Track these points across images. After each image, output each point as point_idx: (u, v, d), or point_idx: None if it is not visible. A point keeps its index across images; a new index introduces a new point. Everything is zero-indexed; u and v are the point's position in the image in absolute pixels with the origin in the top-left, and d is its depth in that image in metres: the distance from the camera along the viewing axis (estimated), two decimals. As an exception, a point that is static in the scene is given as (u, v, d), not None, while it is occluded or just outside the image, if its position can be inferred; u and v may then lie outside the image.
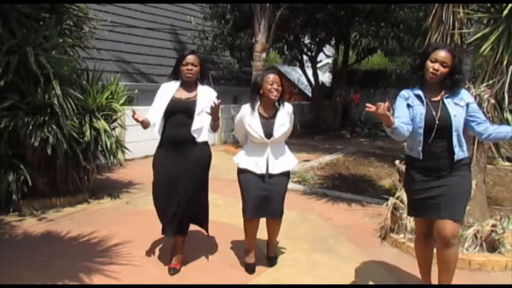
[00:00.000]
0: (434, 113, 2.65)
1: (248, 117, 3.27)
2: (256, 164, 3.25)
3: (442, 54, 2.61)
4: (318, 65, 16.34)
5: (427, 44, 2.82)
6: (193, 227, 3.52)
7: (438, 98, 2.69)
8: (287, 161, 3.36)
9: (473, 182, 4.02)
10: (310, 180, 6.79)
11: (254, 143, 3.29)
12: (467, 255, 3.72)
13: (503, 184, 6.92)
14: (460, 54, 4.14)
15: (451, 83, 2.66)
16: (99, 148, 5.33)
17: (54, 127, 4.61)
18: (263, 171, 3.23)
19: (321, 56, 17.04)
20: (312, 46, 14.60)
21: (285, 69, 19.23)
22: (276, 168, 3.26)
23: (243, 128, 3.34)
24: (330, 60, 18.58)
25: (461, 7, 3.99)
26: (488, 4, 3.96)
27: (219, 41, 11.76)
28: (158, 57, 11.56)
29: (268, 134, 3.23)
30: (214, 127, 3.23)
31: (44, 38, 4.64)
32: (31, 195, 4.85)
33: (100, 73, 5.49)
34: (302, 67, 15.07)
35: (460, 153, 2.66)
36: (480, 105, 3.79)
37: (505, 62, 3.69)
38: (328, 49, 17.29)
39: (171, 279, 3.28)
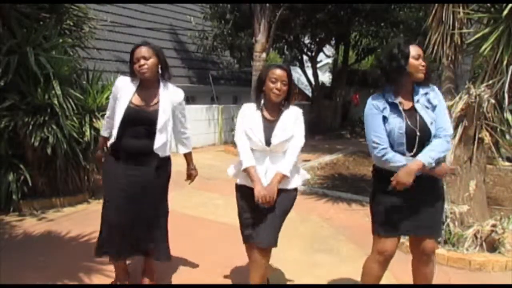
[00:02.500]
0: (411, 124, 2.38)
1: (249, 117, 2.72)
2: None
3: (418, 49, 2.39)
4: (318, 65, 16.35)
5: (394, 46, 2.42)
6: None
7: (410, 104, 2.43)
8: (294, 176, 2.73)
9: (473, 182, 4.04)
10: (310, 180, 6.78)
11: (254, 151, 2.70)
12: (467, 255, 3.72)
13: (503, 184, 6.92)
14: (461, 53, 4.16)
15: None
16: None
17: (54, 127, 4.61)
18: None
19: (321, 56, 17.04)
20: (312, 46, 14.60)
21: (285, 69, 19.20)
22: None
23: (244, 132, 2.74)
24: (330, 60, 18.58)
25: (461, 7, 3.99)
26: (488, 4, 3.97)
27: (219, 41, 11.77)
28: (158, 57, 11.55)
29: (268, 141, 2.66)
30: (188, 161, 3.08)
31: (44, 38, 4.65)
32: (31, 195, 4.85)
33: (100, 73, 5.49)
34: (302, 67, 15.07)
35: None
36: (480, 105, 3.80)
37: (505, 62, 3.69)
38: (328, 49, 17.29)
39: (171, 279, 3.28)
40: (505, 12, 3.54)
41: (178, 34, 13.03)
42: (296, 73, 18.53)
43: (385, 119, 2.42)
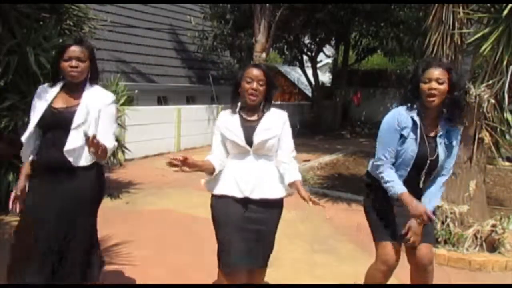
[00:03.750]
0: (428, 152, 2.38)
1: (225, 121, 2.45)
2: (235, 183, 2.37)
3: (434, 71, 2.30)
4: (318, 65, 16.36)
5: (417, 63, 2.44)
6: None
7: (433, 133, 2.42)
8: (278, 185, 2.44)
9: (473, 182, 4.04)
10: (310, 180, 6.79)
11: (234, 156, 2.44)
12: (467, 255, 3.73)
13: (503, 184, 6.92)
14: (461, 53, 4.15)
15: (450, 103, 2.33)
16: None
17: (54, 127, 4.60)
18: (245, 193, 2.35)
19: (321, 56, 17.05)
20: (312, 46, 14.62)
21: (285, 69, 19.24)
22: (261, 191, 2.37)
23: (223, 142, 2.46)
24: (330, 60, 18.60)
25: (461, 7, 3.99)
26: (488, 4, 3.96)
27: (219, 41, 11.79)
28: (158, 57, 11.57)
29: (249, 140, 2.38)
30: (98, 157, 2.28)
31: (44, 38, 4.64)
32: (31, 195, 4.84)
33: (100, 73, 5.48)
34: (302, 67, 15.09)
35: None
36: (480, 105, 3.80)
37: (505, 62, 3.69)
38: (328, 49, 17.31)
39: (171, 279, 3.28)
40: (505, 12, 3.54)
41: (178, 34, 13.04)
42: (296, 73, 18.55)
43: (402, 137, 2.41)
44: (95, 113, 2.34)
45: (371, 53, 14.54)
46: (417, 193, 2.45)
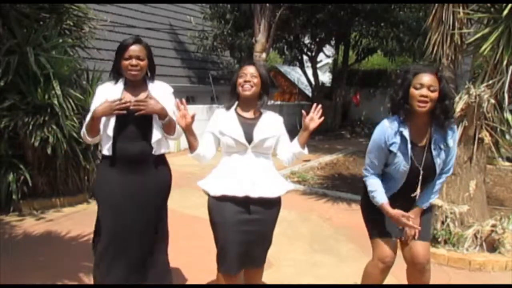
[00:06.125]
0: (418, 164, 2.34)
1: (223, 119, 2.45)
2: (235, 181, 2.34)
3: (426, 78, 2.22)
4: (318, 65, 16.35)
5: (405, 70, 2.35)
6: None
7: (424, 142, 2.35)
8: (277, 183, 2.45)
9: (473, 182, 4.04)
10: (310, 180, 6.79)
11: (231, 154, 2.41)
12: (467, 255, 3.73)
13: (503, 184, 6.92)
14: (461, 53, 4.15)
15: (441, 111, 2.26)
16: (99, 148, 5.34)
17: (54, 127, 4.61)
18: (246, 192, 2.32)
19: (321, 56, 17.04)
20: (312, 46, 14.61)
21: (285, 69, 19.25)
22: (261, 189, 2.35)
23: (214, 138, 2.48)
24: (330, 60, 18.59)
25: (461, 7, 3.99)
26: (488, 4, 3.97)
27: (219, 41, 11.78)
28: (158, 57, 11.47)
29: (249, 137, 2.38)
30: (169, 129, 2.50)
31: (44, 38, 4.65)
32: (31, 195, 4.85)
33: (100, 73, 5.49)
34: (302, 67, 15.08)
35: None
36: (480, 105, 3.80)
37: (505, 62, 3.69)
38: (328, 49, 17.30)
39: (171, 279, 3.28)
40: (505, 12, 3.54)
41: (178, 34, 13.03)
42: (296, 73, 18.55)
43: (391, 152, 2.35)
44: (164, 102, 2.50)
45: (371, 53, 14.52)
46: (412, 200, 2.44)
